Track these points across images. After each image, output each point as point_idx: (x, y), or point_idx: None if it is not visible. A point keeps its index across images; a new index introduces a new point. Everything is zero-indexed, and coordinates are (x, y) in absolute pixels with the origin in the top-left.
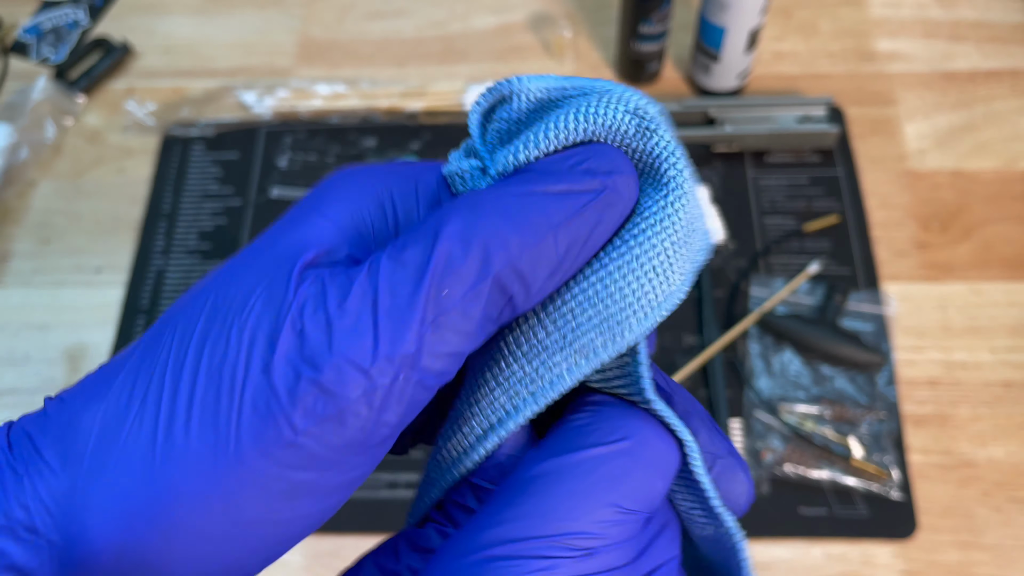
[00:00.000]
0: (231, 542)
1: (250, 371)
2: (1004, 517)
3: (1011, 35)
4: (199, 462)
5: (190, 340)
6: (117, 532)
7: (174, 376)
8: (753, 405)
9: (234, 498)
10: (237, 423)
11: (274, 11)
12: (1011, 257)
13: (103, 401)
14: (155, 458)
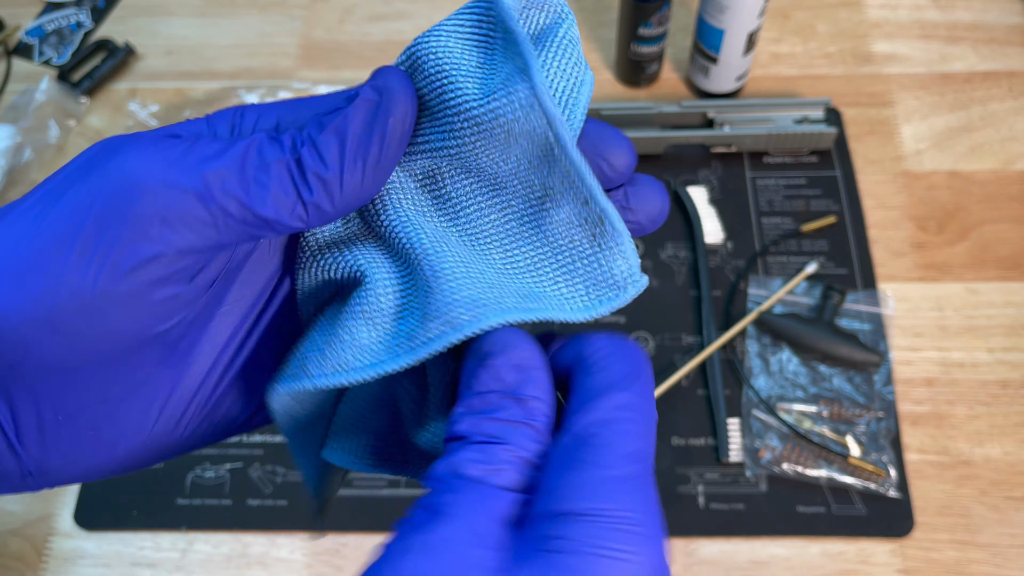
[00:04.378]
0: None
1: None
2: (1001, 516)
3: (1007, 37)
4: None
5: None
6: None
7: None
8: (751, 404)
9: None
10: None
11: (276, 13)
12: (1007, 257)
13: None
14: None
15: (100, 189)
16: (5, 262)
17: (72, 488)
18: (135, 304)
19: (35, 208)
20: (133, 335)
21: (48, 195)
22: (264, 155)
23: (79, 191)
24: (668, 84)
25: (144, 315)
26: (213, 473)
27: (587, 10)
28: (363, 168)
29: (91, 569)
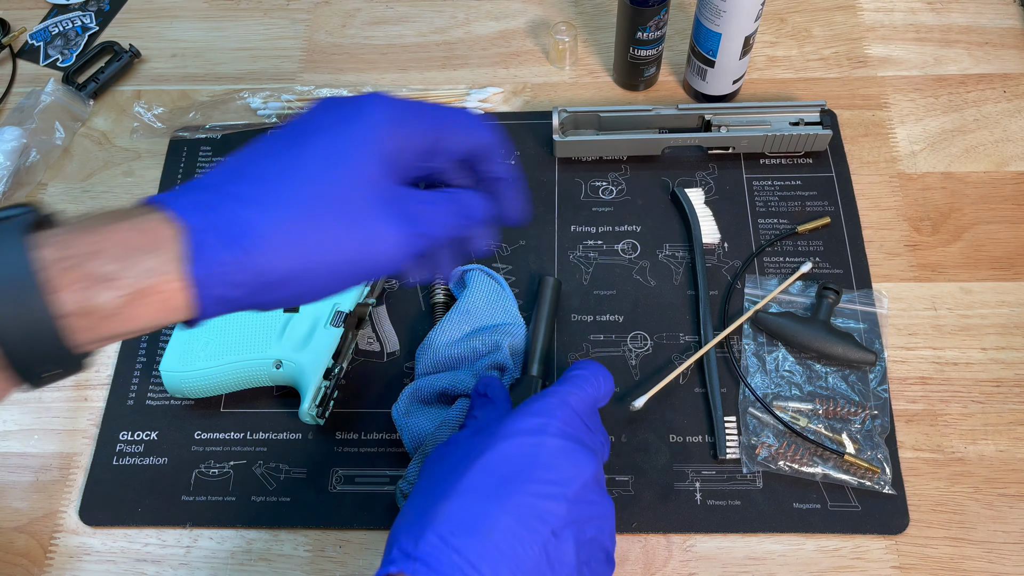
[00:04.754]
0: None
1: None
2: (994, 512)
3: (1001, 39)
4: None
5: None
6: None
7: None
8: (748, 402)
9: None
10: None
11: (279, 17)
12: (1001, 257)
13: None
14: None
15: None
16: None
17: (77, 485)
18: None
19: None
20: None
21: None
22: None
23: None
24: (666, 87)
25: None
26: (217, 470)
27: (586, 14)
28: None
29: (96, 565)
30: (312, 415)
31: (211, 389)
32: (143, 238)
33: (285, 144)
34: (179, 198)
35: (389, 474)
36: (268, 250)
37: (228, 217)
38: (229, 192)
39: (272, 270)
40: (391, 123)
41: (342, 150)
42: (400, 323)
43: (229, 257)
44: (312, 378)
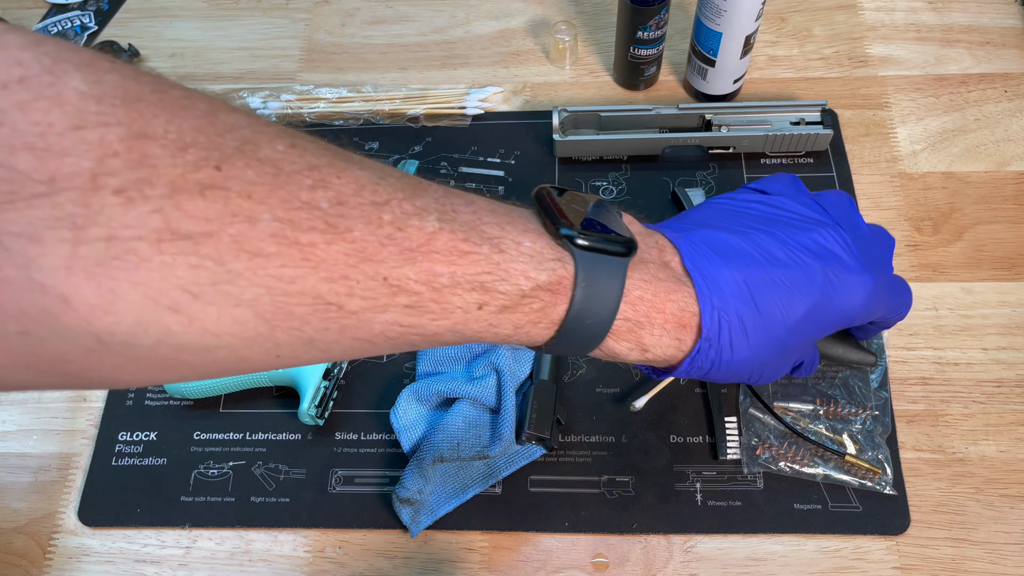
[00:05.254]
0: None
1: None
2: (996, 513)
3: (1002, 39)
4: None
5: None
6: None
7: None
8: (749, 403)
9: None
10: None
11: (279, 16)
12: (1002, 257)
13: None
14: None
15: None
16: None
17: (76, 486)
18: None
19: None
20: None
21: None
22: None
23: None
24: (666, 87)
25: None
26: (216, 471)
27: (586, 13)
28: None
29: (95, 566)
30: (311, 415)
31: (210, 389)
32: (677, 327)
33: (795, 294)
34: (708, 297)
35: (388, 475)
36: (727, 368)
37: (727, 341)
38: (740, 316)
39: (714, 376)
40: (866, 309)
41: (827, 325)
42: None
43: (705, 366)
44: (311, 378)
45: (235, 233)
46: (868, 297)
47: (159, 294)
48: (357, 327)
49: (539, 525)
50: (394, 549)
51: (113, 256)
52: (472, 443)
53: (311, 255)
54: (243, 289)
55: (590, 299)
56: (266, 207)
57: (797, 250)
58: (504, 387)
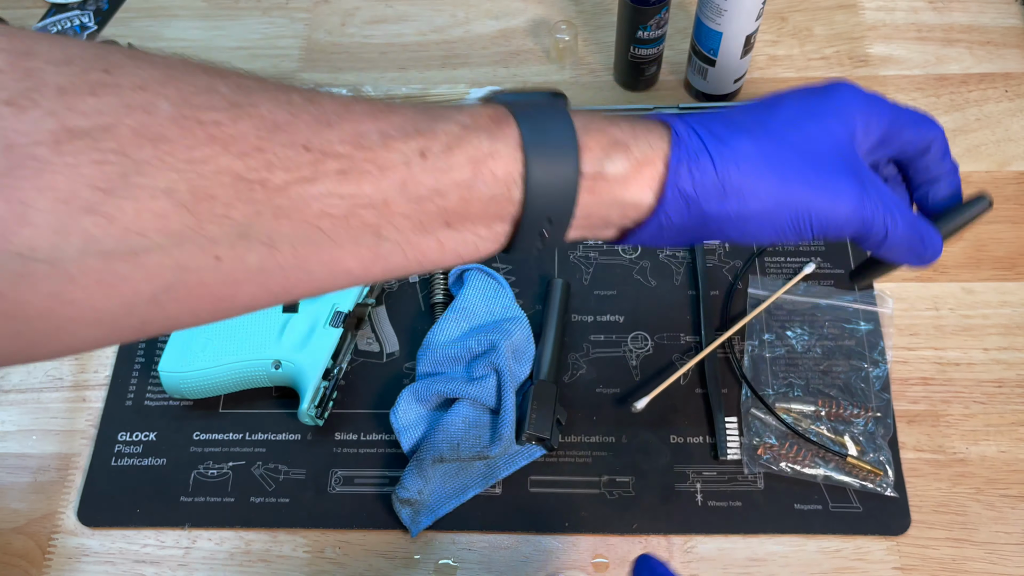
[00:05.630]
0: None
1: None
2: (996, 513)
3: (1003, 38)
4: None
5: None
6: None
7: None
8: (750, 403)
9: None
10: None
11: (279, 16)
12: (1003, 257)
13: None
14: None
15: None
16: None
17: (76, 486)
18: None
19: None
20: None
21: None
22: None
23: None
24: (666, 86)
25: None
26: (216, 471)
27: (586, 13)
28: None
29: (95, 566)
30: (311, 416)
31: (210, 390)
32: (645, 124)
33: (764, 103)
34: (663, 117)
35: (388, 475)
36: (733, 160)
37: (707, 132)
38: (715, 119)
39: (731, 182)
40: (862, 103)
41: (820, 112)
42: (399, 323)
43: (702, 156)
44: (311, 378)
45: (133, 124)
46: (853, 94)
47: (70, 196)
48: (291, 207)
49: (539, 525)
50: (394, 549)
51: (15, 165)
52: (472, 443)
53: (217, 133)
54: (154, 178)
55: (536, 118)
56: (162, 97)
57: (756, 103)
58: (504, 387)
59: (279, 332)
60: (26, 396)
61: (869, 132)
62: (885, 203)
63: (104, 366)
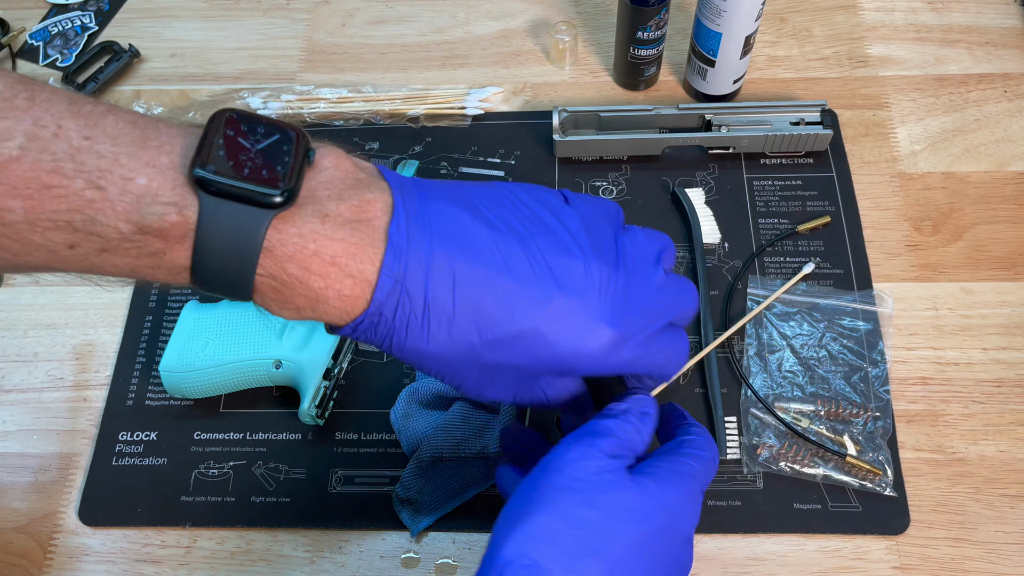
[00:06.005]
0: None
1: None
2: (995, 513)
3: (1002, 39)
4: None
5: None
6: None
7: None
8: (749, 403)
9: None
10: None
11: (279, 17)
12: (1002, 257)
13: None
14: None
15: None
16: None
17: (77, 486)
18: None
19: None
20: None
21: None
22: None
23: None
24: (666, 87)
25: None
26: (216, 470)
27: (586, 14)
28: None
29: (96, 566)
30: (312, 415)
31: (211, 389)
32: (345, 299)
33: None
34: (392, 268)
35: (389, 475)
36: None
37: (400, 319)
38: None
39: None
40: (600, 361)
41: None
42: None
43: (380, 339)
44: (312, 378)
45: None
46: (602, 347)
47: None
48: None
49: None
50: (394, 549)
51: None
52: (472, 443)
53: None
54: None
55: (217, 251)
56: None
57: (540, 264)
58: None
59: (280, 332)
60: (27, 396)
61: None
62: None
63: (105, 366)
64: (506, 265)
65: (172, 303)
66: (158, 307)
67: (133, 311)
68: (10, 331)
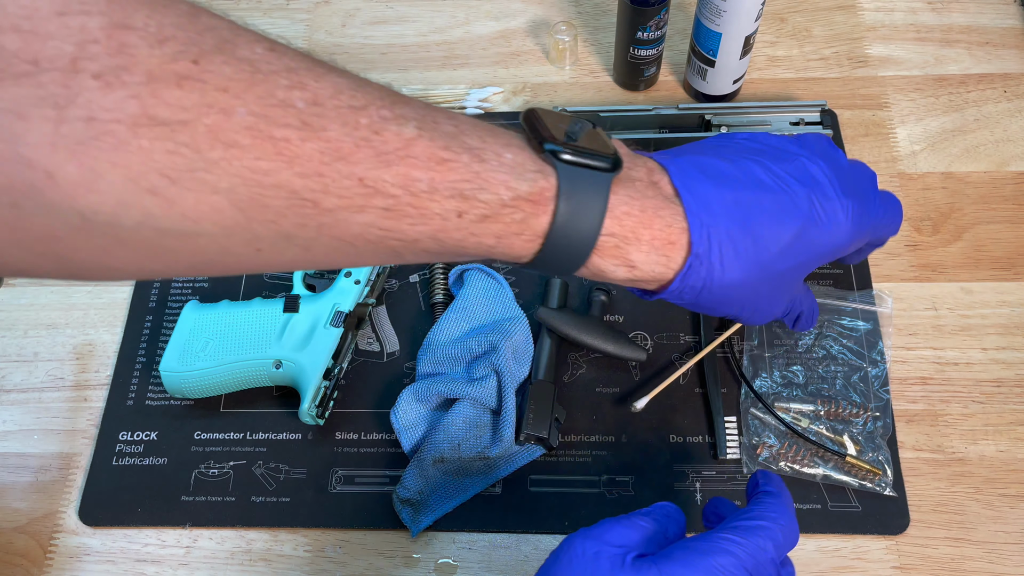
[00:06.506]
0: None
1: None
2: (995, 513)
3: (1002, 39)
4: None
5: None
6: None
7: None
8: (749, 403)
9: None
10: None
11: (279, 17)
12: (1001, 257)
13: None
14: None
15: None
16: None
17: (77, 485)
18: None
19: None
20: None
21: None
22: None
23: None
24: (666, 87)
25: None
26: (217, 470)
27: (586, 14)
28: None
29: (96, 566)
30: (312, 415)
31: (211, 389)
32: (666, 244)
33: (784, 218)
34: (697, 215)
35: (389, 474)
36: (718, 291)
37: (718, 259)
38: (731, 234)
39: (704, 300)
40: (851, 240)
41: (812, 257)
42: (400, 323)
43: (696, 285)
44: (312, 378)
45: (211, 123)
46: (852, 223)
47: (138, 176)
48: (334, 226)
49: (539, 525)
50: (394, 549)
51: (93, 136)
52: (473, 443)
53: (285, 150)
54: (219, 178)
55: (573, 212)
56: (241, 101)
57: (783, 177)
58: (505, 388)
59: (280, 332)
60: (27, 396)
61: (846, 250)
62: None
63: (105, 366)
64: (761, 182)
65: (172, 303)
66: (158, 307)
67: (133, 311)
68: (10, 331)
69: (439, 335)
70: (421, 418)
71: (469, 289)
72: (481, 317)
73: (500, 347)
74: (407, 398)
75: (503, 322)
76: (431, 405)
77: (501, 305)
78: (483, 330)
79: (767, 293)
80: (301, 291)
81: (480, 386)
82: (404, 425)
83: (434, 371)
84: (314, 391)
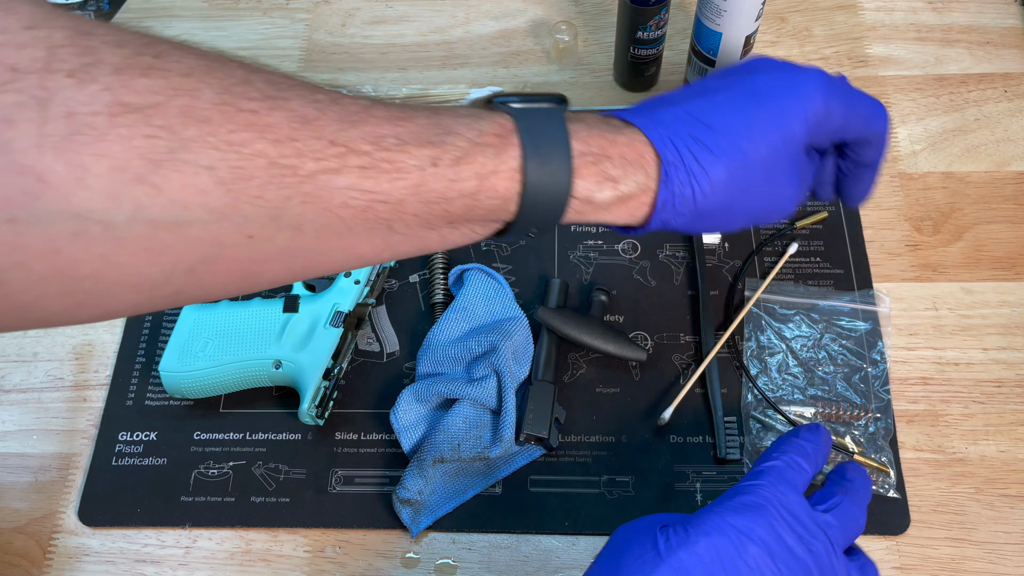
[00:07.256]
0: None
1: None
2: (996, 513)
3: (1002, 39)
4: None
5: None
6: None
7: None
8: (750, 404)
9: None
10: None
11: (279, 16)
12: (1002, 257)
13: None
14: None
15: None
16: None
17: (76, 486)
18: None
19: None
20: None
21: None
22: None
23: None
24: (666, 86)
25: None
26: (216, 470)
27: (586, 13)
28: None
29: (95, 566)
30: (311, 415)
31: (210, 389)
32: (636, 156)
33: (740, 104)
34: (653, 129)
35: (389, 475)
36: (712, 193)
37: (691, 159)
38: (694, 136)
39: (707, 207)
40: (824, 103)
41: (786, 120)
42: (400, 323)
43: (685, 192)
44: (311, 378)
45: (181, 104)
46: (818, 79)
47: (123, 164)
48: (317, 195)
49: (539, 525)
50: (394, 549)
51: (75, 131)
52: (473, 444)
53: (255, 120)
54: (198, 155)
55: (539, 141)
56: (206, 84)
57: (734, 73)
58: (505, 389)
59: (279, 332)
60: (27, 396)
61: (826, 125)
62: (816, 191)
63: (105, 366)
64: (710, 87)
65: None
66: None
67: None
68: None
69: (439, 335)
70: (421, 418)
71: (469, 289)
72: (481, 317)
73: (500, 347)
74: (407, 398)
75: (503, 322)
76: (431, 405)
77: (501, 305)
78: (483, 330)
79: (762, 179)
80: (301, 291)
81: (480, 386)
82: (404, 425)
83: (434, 371)
84: (314, 391)
